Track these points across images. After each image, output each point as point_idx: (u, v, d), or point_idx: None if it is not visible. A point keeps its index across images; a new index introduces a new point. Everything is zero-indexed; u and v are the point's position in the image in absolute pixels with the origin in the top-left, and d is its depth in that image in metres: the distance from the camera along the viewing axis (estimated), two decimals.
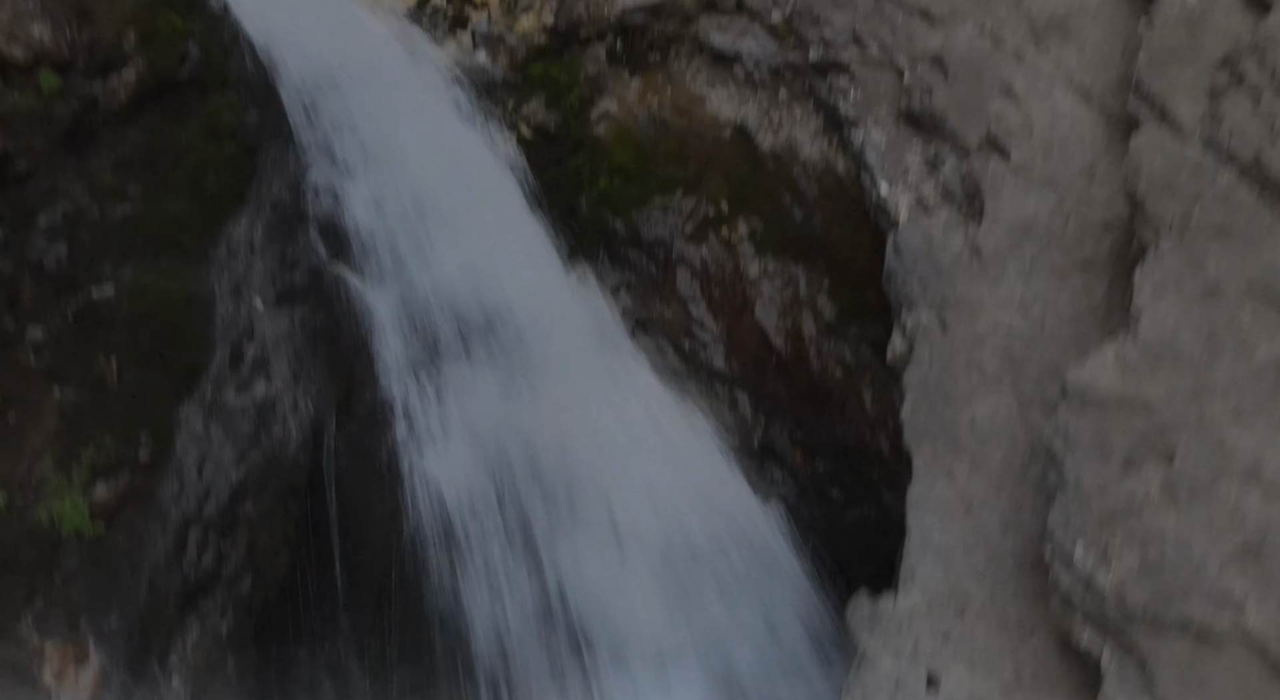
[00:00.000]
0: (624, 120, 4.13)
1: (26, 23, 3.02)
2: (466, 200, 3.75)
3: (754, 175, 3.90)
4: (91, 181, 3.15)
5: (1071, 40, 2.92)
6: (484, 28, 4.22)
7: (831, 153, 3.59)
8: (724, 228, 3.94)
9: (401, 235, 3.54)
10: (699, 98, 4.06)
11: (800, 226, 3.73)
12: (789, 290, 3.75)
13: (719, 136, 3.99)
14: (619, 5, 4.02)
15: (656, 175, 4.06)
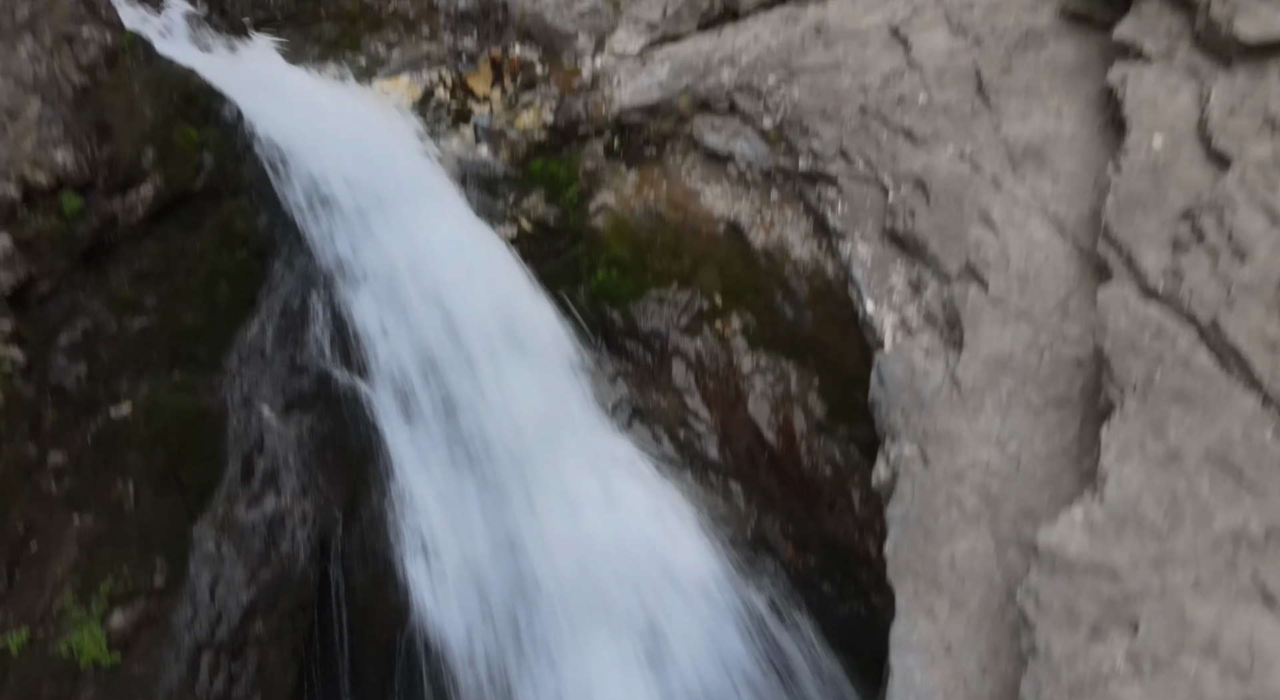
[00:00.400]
0: (621, 213, 4.27)
1: (50, 149, 3.17)
2: (470, 295, 3.89)
3: (747, 271, 4.03)
4: (110, 296, 3.29)
5: (1046, 169, 3.06)
6: (486, 122, 4.38)
7: (821, 255, 3.73)
8: (718, 321, 4.07)
9: (407, 335, 3.67)
10: (694, 193, 4.20)
11: (792, 324, 3.86)
12: (780, 386, 3.87)
13: (713, 231, 4.13)
14: (616, 105, 4.17)
15: (652, 268, 4.20)
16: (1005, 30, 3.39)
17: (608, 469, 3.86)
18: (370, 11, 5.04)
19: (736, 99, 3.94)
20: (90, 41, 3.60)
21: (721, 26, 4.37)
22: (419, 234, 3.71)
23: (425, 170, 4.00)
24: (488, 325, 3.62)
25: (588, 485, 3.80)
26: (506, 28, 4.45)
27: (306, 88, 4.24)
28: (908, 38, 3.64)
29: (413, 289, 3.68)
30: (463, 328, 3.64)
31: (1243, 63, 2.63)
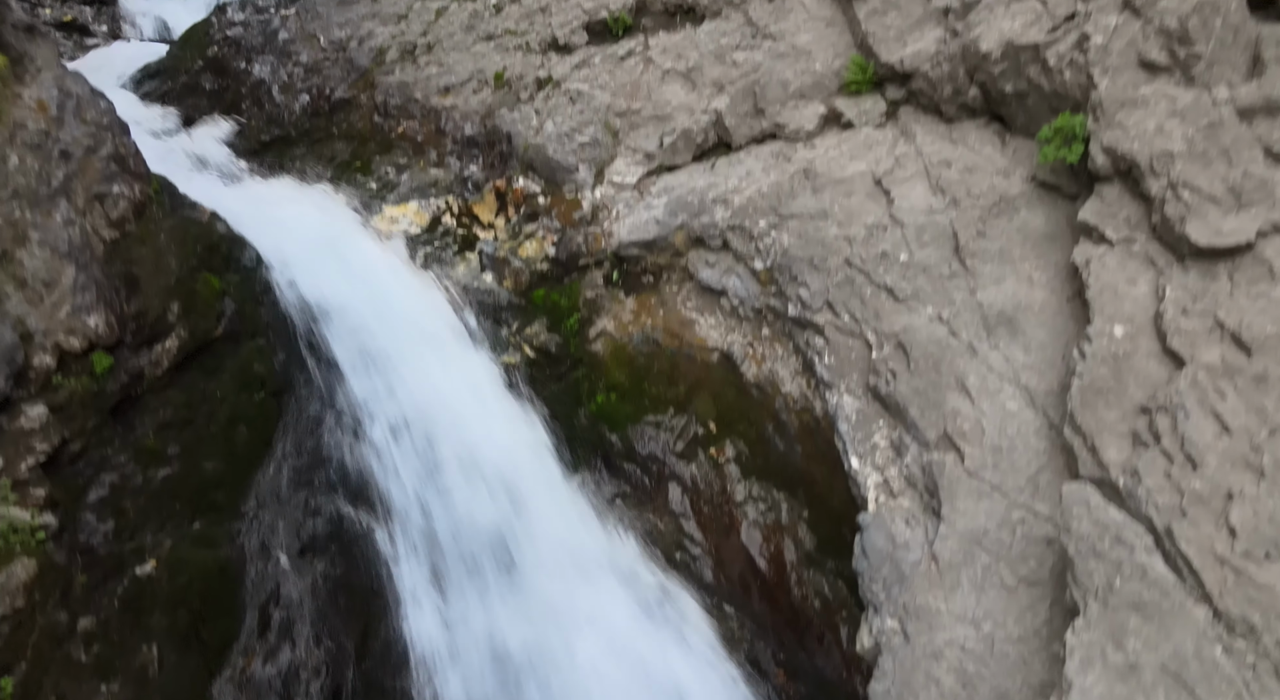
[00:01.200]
0: (620, 339, 4.47)
1: (84, 316, 3.36)
2: (475, 427, 4.06)
3: (739, 400, 4.22)
4: (136, 448, 3.46)
5: (1019, 338, 3.26)
6: (490, 249, 4.59)
7: (810, 393, 3.91)
8: (712, 448, 4.25)
9: (414, 470, 3.84)
10: (689, 321, 4.40)
11: (782, 455, 4.04)
12: (772, 515, 4.03)
13: (707, 360, 4.32)
14: (616, 239, 4.39)
15: (649, 393, 4.38)
16: (980, 194, 3.61)
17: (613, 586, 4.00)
18: (380, 132, 5.29)
19: (729, 238, 4.16)
20: (120, 197, 3.82)
21: (716, 158, 4.60)
22: (427, 377, 3.89)
23: (434, 309, 4.19)
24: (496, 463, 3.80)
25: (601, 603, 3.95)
26: (510, 159, 4.69)
27: (320, 222, 4.45)
28: (890, 190, 3.86)
29: (420, 427, 3.86)
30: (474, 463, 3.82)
31: (1195, 262, 2.84)
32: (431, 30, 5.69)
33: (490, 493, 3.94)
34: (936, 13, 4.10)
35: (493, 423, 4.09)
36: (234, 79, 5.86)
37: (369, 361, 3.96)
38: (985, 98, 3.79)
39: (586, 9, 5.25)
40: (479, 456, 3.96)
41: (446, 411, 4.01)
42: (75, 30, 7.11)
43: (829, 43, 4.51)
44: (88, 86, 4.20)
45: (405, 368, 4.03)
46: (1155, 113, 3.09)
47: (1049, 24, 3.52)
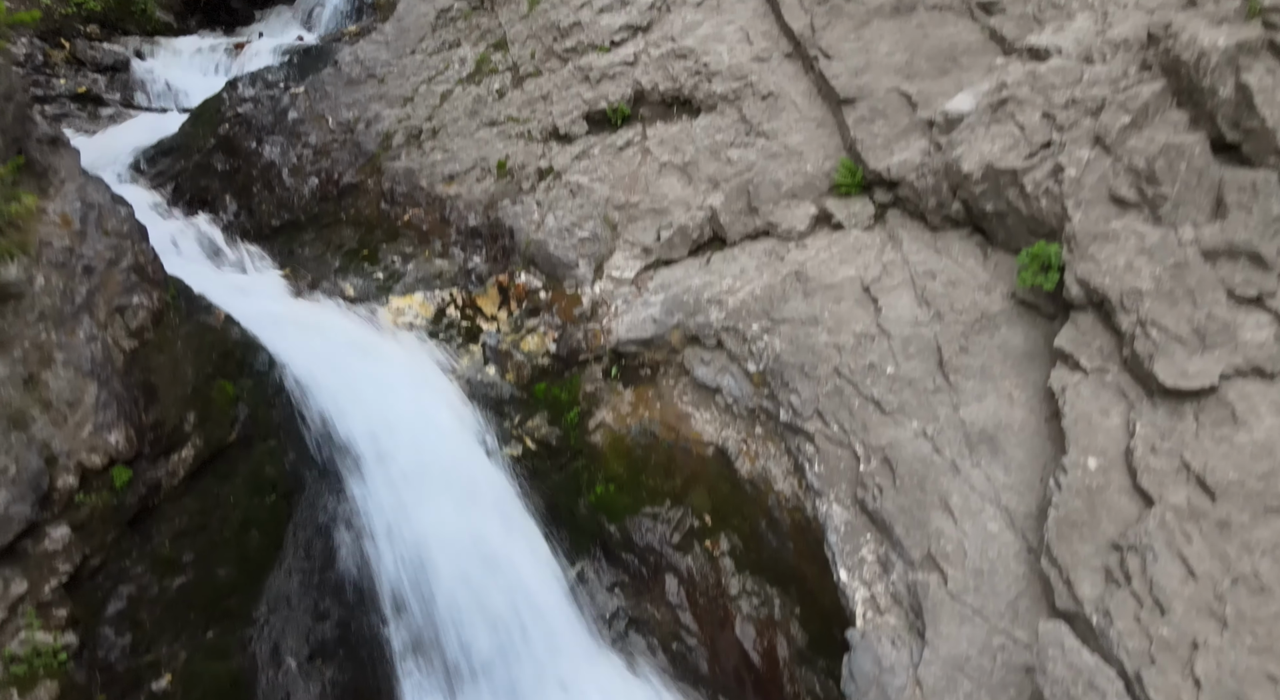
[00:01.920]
0: (618, 430, 4.61)
1: (105, 433, 3.51)
2: (478, 524, 4.20)
3: (734, 495, 4.35)
4: (153, 558, 3.60)
5: (999, 457, 3.40)
6: (494, 341, 4.74)
7: (802, 493, 4.05)
8: (707, 540, 4.38)
9: (418, 571, 3.97)
10: (685, 415, 4.55)
11: (775, 551, 4.17)
12: (765, 610, 4.16)
13: (702, 453, 4.46)
14: (614, 336, 4.55)
15: (647, 485, 4.52)
16: (963, 309, 3.77)
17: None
18: (387, 219, 5.47)
19: (724, 339, 4.31)
20: (140, 307, 3.98)
21: (711, 253, 4.77)
22: (432, 473, 4.03)
23: (440, 405, 4.34)
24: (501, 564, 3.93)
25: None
26: (513, 253, 4.86)
27: (329, 317, 4.61)
28: (878, 298, 4.02)
29: (425, 528, 4.00)
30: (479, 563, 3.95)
31: (1163, 400, 2.99)
32: (436, 115, 5.88)
33: (497, 592, 4.07)
34: (921, 124, 4.28)
35: (496, 520, 4.22)
36: (245, 160, 6.05)
37: (375, 461, 4.10)
38: (968, 212, 3.97)
39: (586, 99, 5.45)
40: (484, 555, 4.09)
41: (450, 507, 4.15)
42: (89, 101, 7.32)
43: (819, 144, 4.69)
44: (108, 193, 4.37)
45: (410, 465, 4.17)
46: (1125, 249, 3.26)
47: (1026, 150, 3.69)
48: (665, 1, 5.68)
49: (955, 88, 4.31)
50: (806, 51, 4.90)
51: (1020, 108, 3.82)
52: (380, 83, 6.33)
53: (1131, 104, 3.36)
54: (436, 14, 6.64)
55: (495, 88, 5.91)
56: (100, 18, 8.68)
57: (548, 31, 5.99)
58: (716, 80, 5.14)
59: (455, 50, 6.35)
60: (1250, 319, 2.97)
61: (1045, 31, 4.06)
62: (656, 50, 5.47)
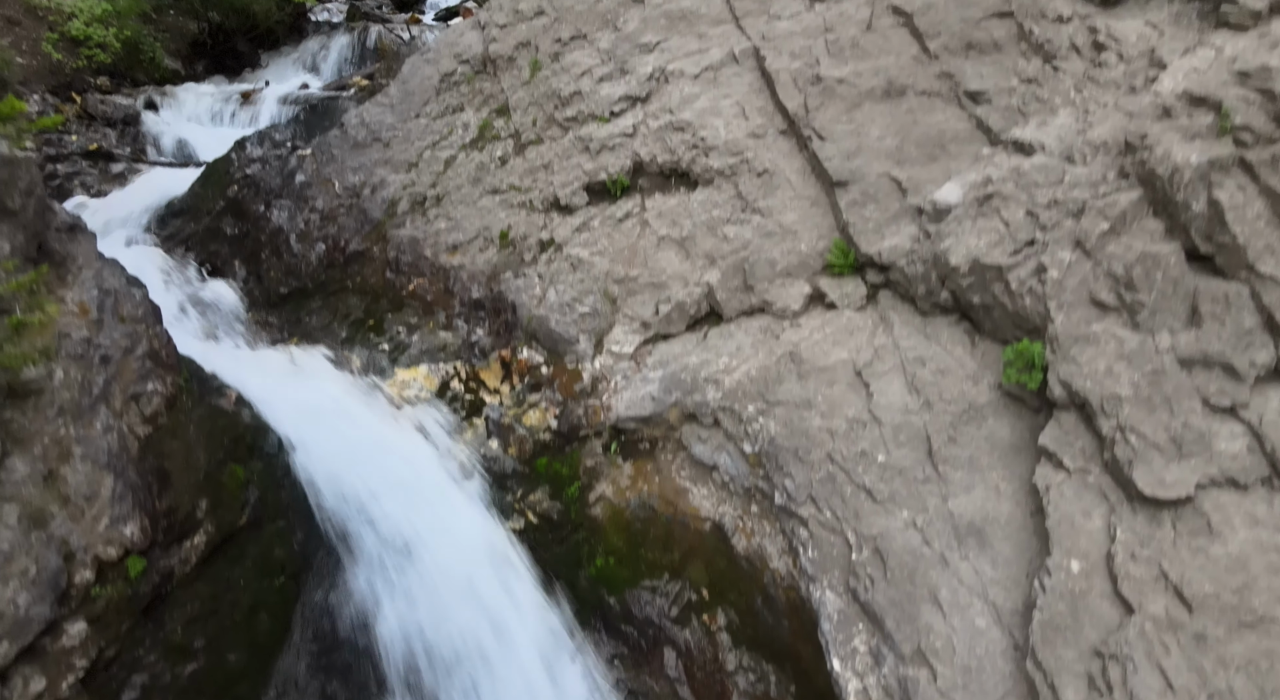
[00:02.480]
0: (618, 503, 4.72)
1: (121, 526, 3.62)
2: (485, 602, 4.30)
3: (731, 570, 4.46)
4: (165, 645, 3.70)
5: (987, 551, 3.51)
6: (496, 415, 4.86)
7: (796, 573, 4.16)
8: (705, 614, 4.48)
9: (423, 652, 4.07)
10: (683, 490, 4.66)
11: (771, 628, 4.26)
12: (761, 686, 4.25)
13: (700, 529, 4.56)
14: (614, 413, 4.67)
15: (646, 558, 4.63)
16: (951, 399, 3.89)
17: None
18: (392, 289, 5.61)
19: (720, 418, 4.43)
20: (154, 394, 4.11)
21: (708, 328, 4.90)
22: (439, 554, 4.14)
23: (444, 482, 4.45)
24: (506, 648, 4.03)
25: None
26: (515, 328, 4.99)
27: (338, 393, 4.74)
28: (870, 383, 4.14)
29: (430, 605, 4.10)
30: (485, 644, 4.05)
31: (1142, 506, 3.10)
32: (440, 182, 6.03)
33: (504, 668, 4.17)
34: (911, 210, 4.42)
35: (500, 594, 4.33)
36: (253, 224, 6.20)
37: (382, 541, 4.20)
38: (956, 301, 4.10)
39: (586, 170, 5.60)
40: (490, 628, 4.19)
41: (456, 586, 4.25)
42: (100, 157, 7.49)
43: (813, 223, 4.83)
44: (123, 276, 4.51)
45: (415, 544, 4.28)
46: (1105, 352, 3.38)
47: (1011, 247, 3.83)
48: (664, 73, 5.84)
49: (943, 175, 4.45)
50: (800, 131, 5.05)
51: (1005, 204, 3.96)
52: (386, 147, 6.49)
53: (1110, 211, 3.49)
54: (440, 78, 6.81)
55: (498, 155, 6.07)
56: (110, 69, 8.88)
57: (549, 99, 6.15)
58: (713, 155, 5.29)
59: (459, 115, 6.51)
60: (1225, 428, 3.08)
61: (1030, 125, 4.21)
62: (655, 122, 5.62)
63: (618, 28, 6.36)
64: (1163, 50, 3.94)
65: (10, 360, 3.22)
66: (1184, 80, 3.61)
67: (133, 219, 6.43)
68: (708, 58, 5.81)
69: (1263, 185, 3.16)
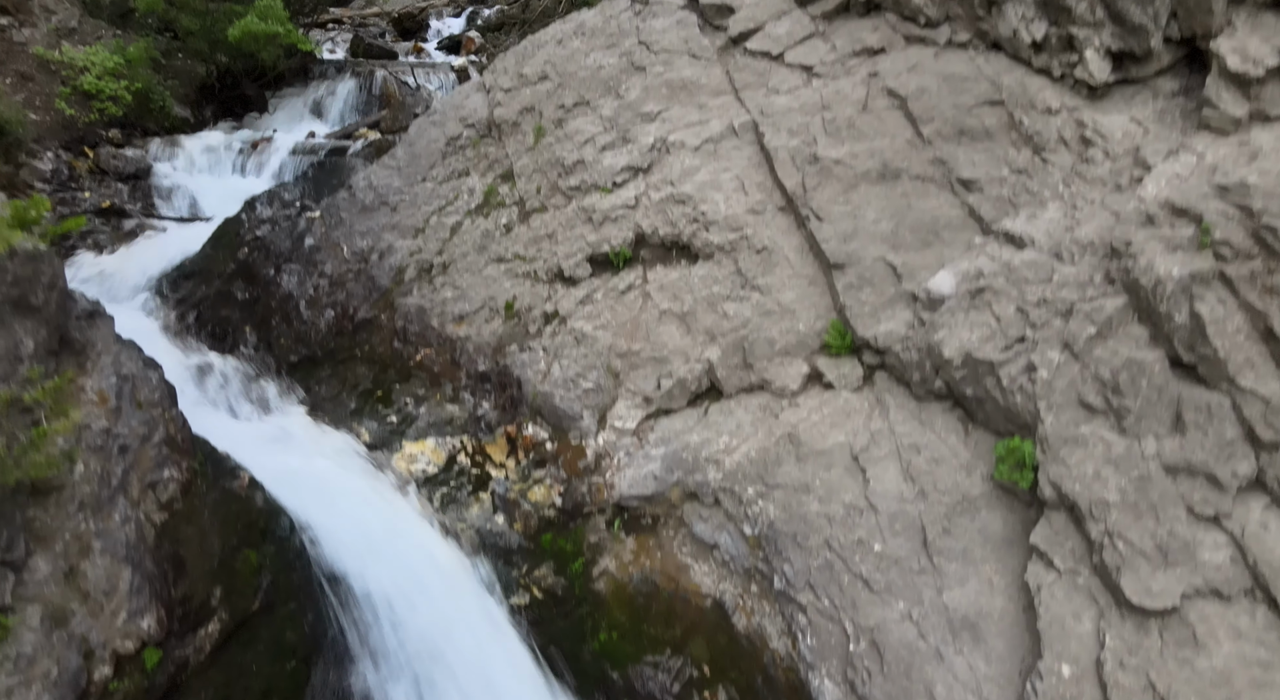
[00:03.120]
0: (621, 578, 4.82)
1: (138, 619, 3.72)
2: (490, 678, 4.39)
3: (731, 647, 4.54)
4: None
5: (981, 646, 3.61)
6: (502, 489, 4.97)
7: (795, 656, 4.25)
8: (706, 691, 4.56)
9: None
10: (684, 566, 4.75)
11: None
12: None
13: (701, 606, 4.66)
14: (617, 492, 4.77)
15: (648, 634, 4.71)
16: (945, 490, 4.00)
17: None
18: (400, 359, 5.73)
19: (721, 498, 4.54)
20: (170, 480, 4.21)
21: (709, 404, 5.01)
22: (447, 639, 4.24)
23: (451, 562, 4.56)
24: None
25: None
26: (520, 404, 5.11)
27: (347, 470, 4.85)
28: (866, 469, 4.25)
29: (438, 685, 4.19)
30: None
31: (1130, 613, 3.20)
32: (446, 249, 6.17)
33: None
34: (906, 295, 4.55)
35: (508, 673, 4.42)
36: (263, 289, 6.33)
37: (391, 625, 4.30)
38: (949, 389, 4.21)
39: (590, 241, 5.73)
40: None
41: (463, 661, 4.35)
42: (112, 214, 7.63)
43: (811, 302, 4.96)
44: (140, 359, 4.62)
45: (424, 622, 4.37)
46: (1093, 455, 3.49)
47: (1003, 342, 3.95)
48: (665, 143, 5.99)
49: (937, 262, 4.58)
50: (799, 209, 5.19)
51: (997, 298, 4.08)
52: (393, 211, 6.63)
53: (1097, 316, 3.62)
54: (446, 141, 6.96)
55: (503, 222, 6.21)
56: (121, 121, 9.04)
57: (552, 167, 6.30)
58: (714, 229, 5.42)
59: (464, 180, 6.66)
60: (1209, 538, 3.19)
61: (1020, 217, 4.34)
62: (657, 194, 5.76)
63: (620, 95, 6.51)
64: (1147, 151, 4.08)
65: (36, 469, 3.33)
66: (1166, 187, 3.75)
67: (146, 283, 6.56)
68: (708, 129, 5.96)
69: (1242, 300, 3.29)
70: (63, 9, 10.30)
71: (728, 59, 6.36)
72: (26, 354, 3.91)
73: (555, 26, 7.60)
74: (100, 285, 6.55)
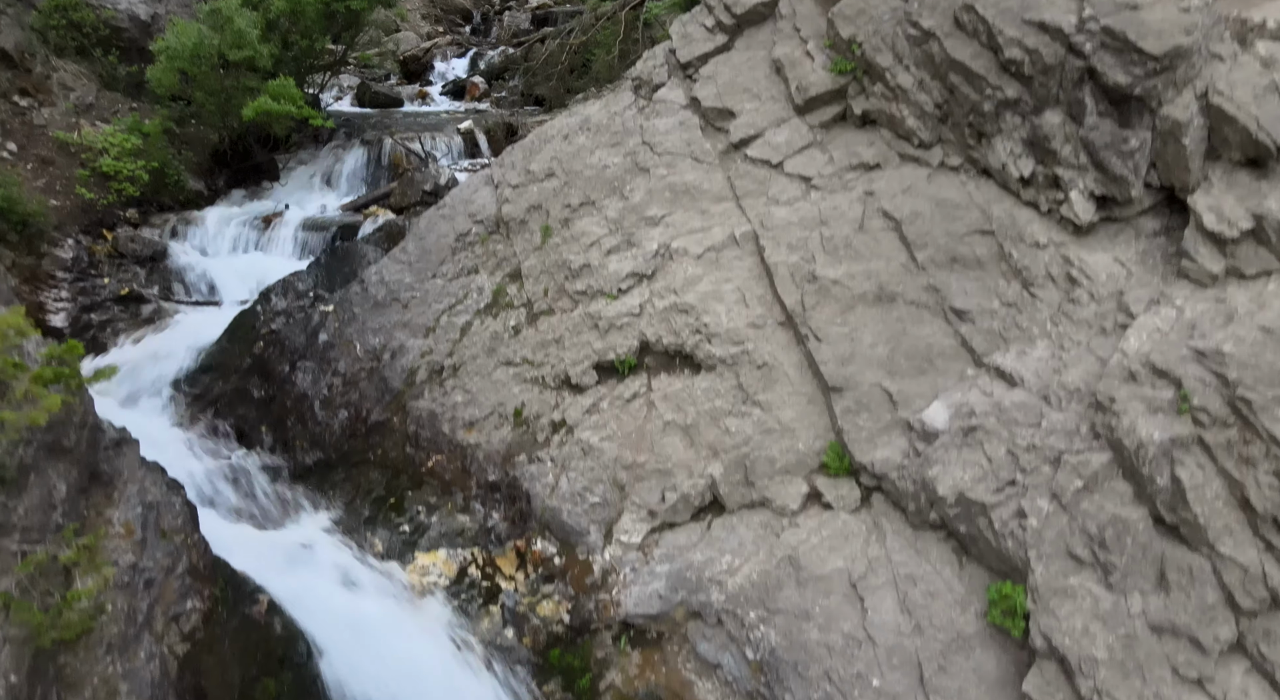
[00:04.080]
0: (626, 692, 4.93)
1: None
2: None
3: None
4: None
5: None
6: (512, 603, 5.12)
7: None
8: None
9: None
10: (688, 683, 4.87)
11: None
12: None
13: None
14: (623, 610, 4.92)
15: None
16: (941, 625, 4.14)
17: None
18: (412, 465, 5.90)
19: (724, 619, 4.68)
20: (193, 611, 4.37)
21: (712, 518, 5.17)
22: None
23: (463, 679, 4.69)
24: None
25: None
26: (530, 518, 5.27)
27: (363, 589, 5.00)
28: (864, 598, 4.40)
29: None
30: None
31: None
32: (457, 350, 6.36)
33: None
34: (901, 423, 4.73)
35: None
36: (279, 388, 6.52)
37: None
38: (943, 522, 4.37)
39: (596, 348, 5.92)
40: None
41: None
42: (130, 300, 7.85)
43: (810, 422, 5.14)
44: (164, 483, 4.80)
45: None
46: (1082, 609, 3.65)
47: (994, 484, 4.12)
48: (668, 250, 6.19)
49: (931, 390, 4.76)
50: (798, 327, 5.38)
51: (988, 438, 4.26)
52: (404, 308, 6.83)
53: (1084, 470, 3.79)
54: (456, 237, 7.18)
55: (511, 324, 6.40)
56: (138, 200, 9.30)
57: (559, 269, 6.51)
58: (716, 341, 5.61)
59: (474, 277, 6.87)
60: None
61: (1010, 353, 4.53)
62: (661, 302, 5.96)
63: (625, 196, 6.73)
64: (1130, 297, 4.28)
65: (70, 630, 3.49)
66: (1148, 341, 3.93)
67: (164, 378, 6.75)
68: (710, 237, 6.17)
69: (1220, 467, 3.46)
70: (80, 85, 10.61)
71: (729, 164, 6.59)
72: (59, 500, 4.09)
73: (561, 120, 7.86)
74: (121, 381, 6.75)
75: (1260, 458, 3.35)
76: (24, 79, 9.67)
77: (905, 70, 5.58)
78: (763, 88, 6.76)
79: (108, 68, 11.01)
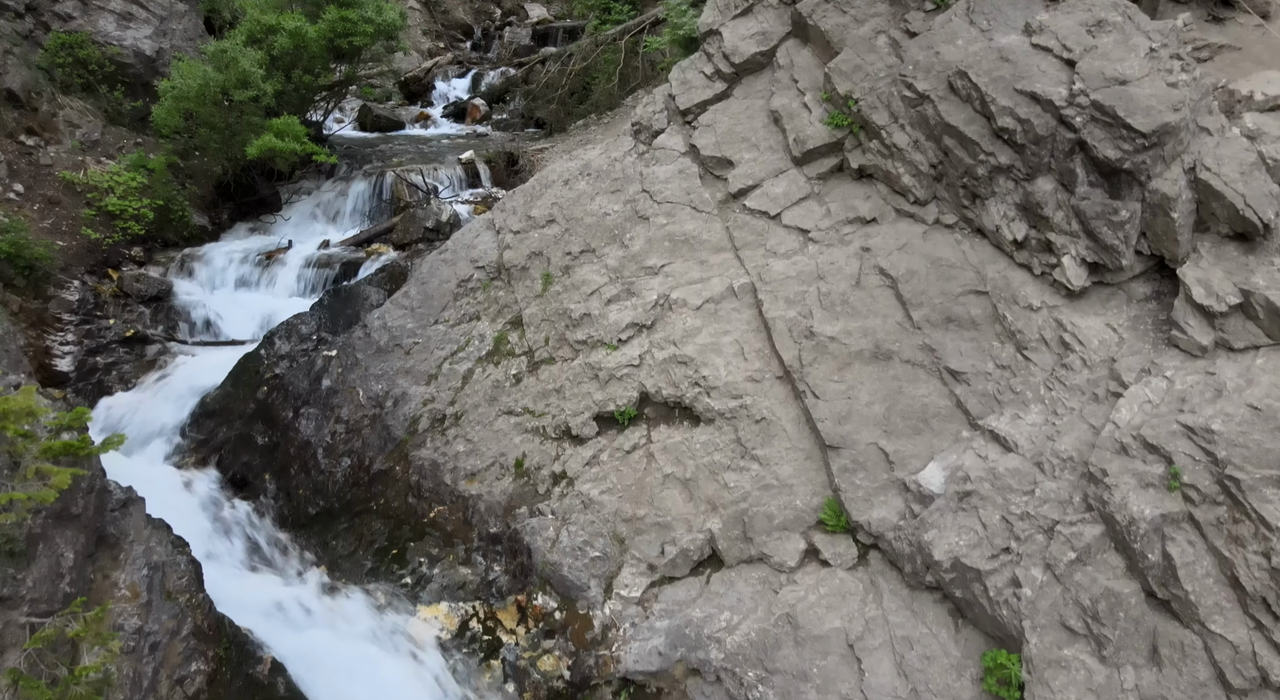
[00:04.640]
0: None
1: None
2: None
3: None
4: None
5: None
6: (513, 657, 5.16)
7: None
8: None
9: None
10: None
11: None
12: None
13: None
14: (623, 666, 4.96)
15: None
16: (938, 690, 4.19)
17: None
18: (414, 515, 5.96)
19: (723, 677, 4.73)
20: (197, 674, 4.41)
21: (710, 572, 5.22)
22: None
23: None
24: None
25: None
26: (530, 573, 5.32)
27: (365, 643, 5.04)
28: (861, 659, 4.45)
29: None
30: None
31: None
32: (459, 399, 6.43)
33: None
34: (898, 483, 4.79)
35: None
36: (282, 434, 6.58)
37: None
38: (939, 584, 4.43)
39: (596, 399, 5.99)
40: None
41: None
42: (136, 342, 7.92)
43: (808, 477, 5.20)
44: (169, 541, 4.85)
45: None
46: (1075, 682, 3.70)
47: (989, 551, 4.18)
48: (668, 301, 6.27)
49: (927, 451, 4.83)
50: (796, 383, 5.45)
51: (983, 504, 4.32)
52: (406, 355, 6.90)
53: (1076, 541, 3.86)
54: (458, 282, 7.27)
55: (512, 373, 6.47)
56: (143, 238, 9.38)
57: (560, 317, 6.58)
58: (715, 395, 5.68)
59: (475, 324, 6.95)
60: None
61: (1004, 416, 4.60)
62: (660, 353, 6.03)
63: (625, 244, 6.82)
64: (1121, 365, 4.36)
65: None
66: (1139, 413, 4.01)
67: (169, 425, 6.81)
68: (709, 288, 6.25)
69: (1210, 544, 3.52)
70: (86, 121, 10.72)
71: (728, 214, 6.69)
72: (67, 568, 4.14)
73: (561, 164, 7.96)
74: (126, 426, 6.80)
75: (1249, 538, 3.42)
76: (31, 118, 9.78)
77: (901, 129, 5.69)
78: (761, 137, 6.86)
79: (113, 103, 11.12)
